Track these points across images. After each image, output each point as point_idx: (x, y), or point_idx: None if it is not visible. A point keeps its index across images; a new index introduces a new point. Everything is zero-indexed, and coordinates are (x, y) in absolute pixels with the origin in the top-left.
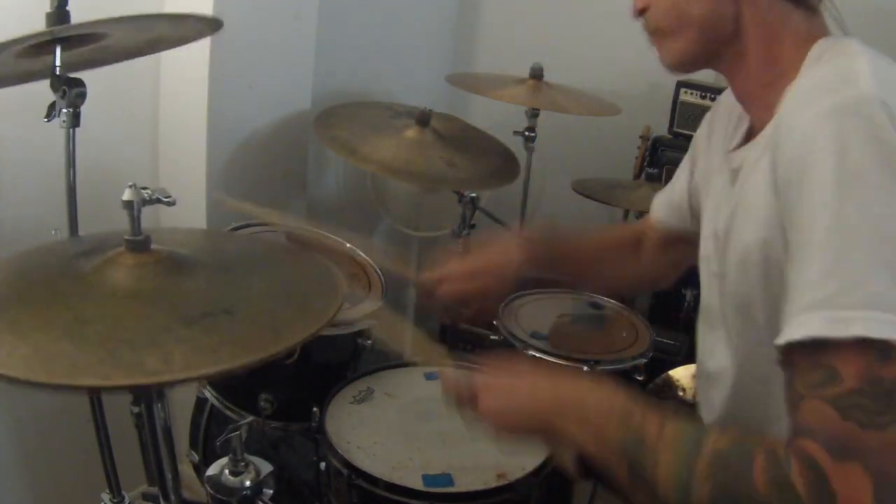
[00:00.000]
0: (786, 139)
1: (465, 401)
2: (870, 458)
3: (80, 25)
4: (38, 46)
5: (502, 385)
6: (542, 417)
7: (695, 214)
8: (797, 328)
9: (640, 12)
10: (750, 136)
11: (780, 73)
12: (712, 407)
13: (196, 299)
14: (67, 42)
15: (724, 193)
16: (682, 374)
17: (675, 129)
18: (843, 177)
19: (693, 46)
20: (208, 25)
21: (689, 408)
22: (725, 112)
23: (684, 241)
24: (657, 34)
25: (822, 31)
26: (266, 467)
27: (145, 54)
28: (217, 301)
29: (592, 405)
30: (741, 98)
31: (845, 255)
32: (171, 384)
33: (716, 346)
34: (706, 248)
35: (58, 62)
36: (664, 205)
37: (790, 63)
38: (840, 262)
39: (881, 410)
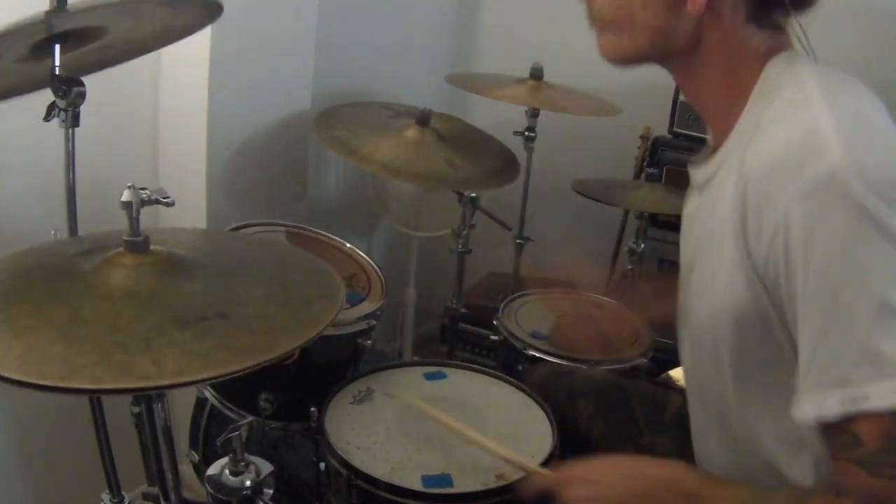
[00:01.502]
0: (756, 215)
1: (545, 495)
2: None
3: (78, 14)
4: (38, 49)
5: (588, 476)
6: (634, 501)
7: None
8: (816, 407)
9: None
10: (712, 152)
11: (737, 95)
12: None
13: (192, 302)
14: (67, 40)
15: (689, 217)
16: (682, 375)
17: (675, 129)
18: (827, 260)
19: (637, 50)
20: (209, 11)
21: None
22: None
23: None
24: (601, 24)
25: (781, 46)
26: (266, 467)
27: (147, 51)
28: (213, 304)
29: (671, 487)
30: (696, 106)
31: (846, 336)
32: (161, 389)
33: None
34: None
35: (57, 62)
36: None
37: (747, 83)
38: (843, 344)
39: None
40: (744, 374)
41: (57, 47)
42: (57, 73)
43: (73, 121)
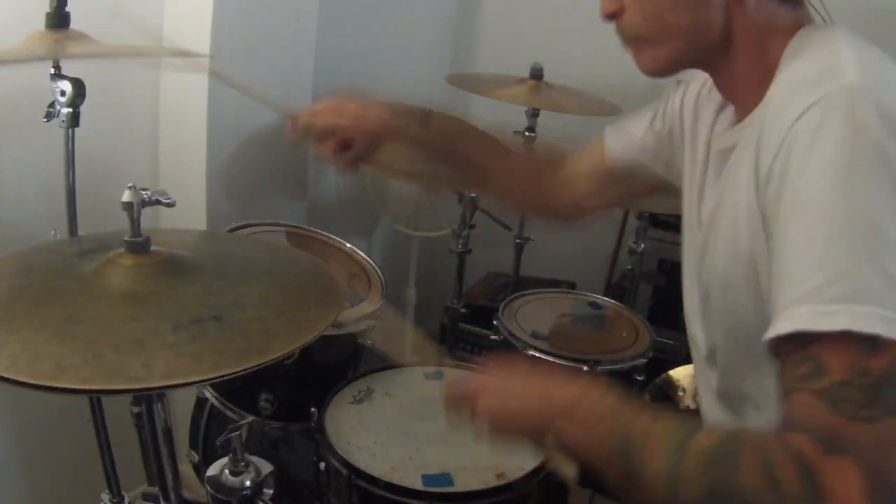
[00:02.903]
0: (767, 136)
1: (463, 401)
2: (859, 452)
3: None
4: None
5: (499, 386)
6: (536, 418)
7: (668, 157)
8: (784, 322)
9: (612, 16)
10: (737, 121)
11: (764, 68)
12: (709, 384)
13: (189, 304)
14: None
15: (711, 175)
16: (682, 374)
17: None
18: (825, 171)
19: (676, 55)
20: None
21: (691, 414)
22: (707, 92)
23: (626, 184)
24: (637, 41)
25: (805, 21)
26: (266, 467)
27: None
28: (209, 306)
29: (584, 405)
30: (728, 95)
31: (830, 248)
32: (150, 391)
33: (702, 326)
34: (688, 237)
35: (57, 61)
36: (637, 143)
37: (774, 56)
38: (825, 255)
39: (869, 403)
40: (761, 315)
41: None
42: (57, 73)
43: (73, 121)
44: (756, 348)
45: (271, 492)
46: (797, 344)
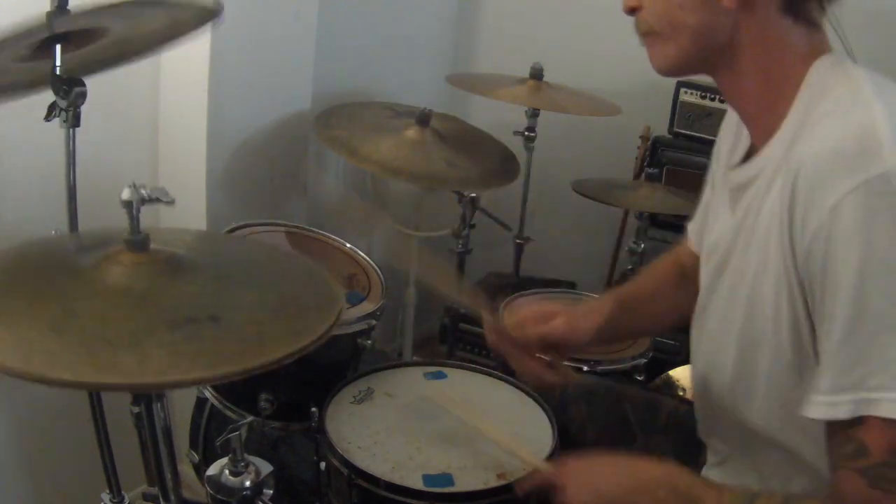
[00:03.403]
0: (805, 209)
1: (544, 485)
2: None
3: (78, 17)
4: (38, 49)
5: (586, 473)
6: (627, 499)
7: None
8: (829, 409)
9: (631, 10)
10: (750, 155)
11: (778, 94)
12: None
13: (186, 303)
14: (68, 40)
15: (723, 211)
16: (682, 374)
17: (675, 129)
18: (869, 262)
19: (685, 53)
20: (207, 13)
21: (689, 407)
22: (730, 124)
23: None
24: (649, 36)
25: (822, 48)
26: (266, 467)
27: (147, 53)
28: (206, 306)
29: (664, 484)
30: (738, 111)
31: (871, 341)
32: (141, 388)
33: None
34: (704, 263)
35: (58, 62)
36: (698, 231)
37: (789, 83)
38: (866, 348)
39: None
40: (777, 376)
41: (58, 47)
42: (57, 73)
43: (74, 121)
44: (758, 380)
45: (271, 492)
46: (842, 425)
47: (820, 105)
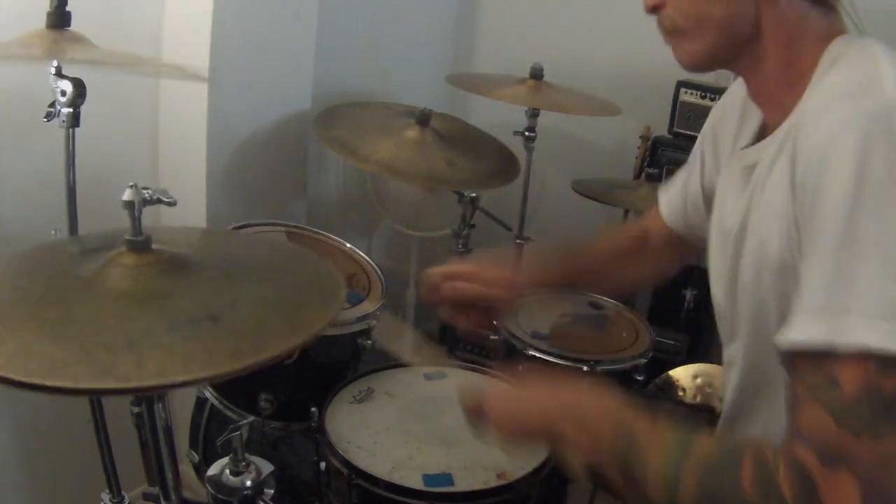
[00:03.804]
0: (804, 143)
1: (478, 413)
2: (861, 467)
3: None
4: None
5: (510, 394)
6: (546, 424)
7: (697, 213)
8: (799, 329)
9: (654, 9)
10: (763, 134)
11: (797, 74)
12: (729, 389)
13: (186, 303)
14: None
15: (734, 191)
16: (681, 374)
17: (675, 129)
18: (860, 187)
19: (711, 48)
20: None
21: (687, 409)
22: (732, 109)
23: (690, 240)
24: (674, 34)
25: (839, 30)
26: (267, 467)
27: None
28: (206, 306)
29: (590, 409)
30: (756, 97)
31: (854, 264)
32: (140, 392)
33: (729, 337)
34: (717, 245)
35: (56, 63)
36: (680, 211)
37: (806, 63)
38: (848, 270)
39: (877, 421)
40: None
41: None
42: (57, 72)
43: (73, 121)
44: (773, 368)
45: (272, 492)
46: (810, 354)
47: (830, 74)
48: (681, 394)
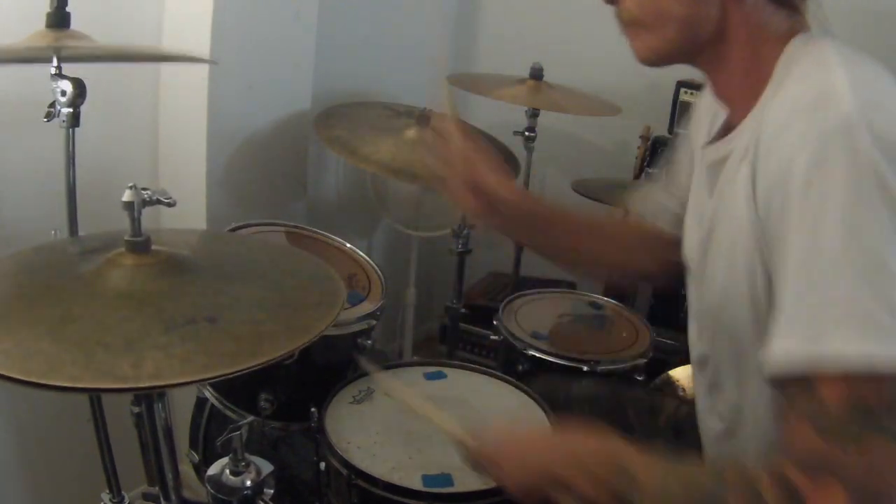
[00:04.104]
0: (766, 163)
1: (483, 470)
2: (849, 476)
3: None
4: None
5: (514, 453)
6: (553, 475)
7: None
8: (780, 353)
9: (612, 0)
10: (726, 131)
11: (759, 75)
12: (699, 393)
13: (184, 304)
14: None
15: (703, 191)
16: (681, 374)
17: (675, 129)
18: (823, 206)
19: (669, 45)
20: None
21: (689, 406)
22: (704, 109)
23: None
24: (633, 26)
25: (800, 28)
26: (267, 467)
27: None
28: (204, 307)
29: (590, 453)
30: (719, 95)
31: (826, 282)
32: (136, 391)
33: (697, 336)
34: (688, 248)
35: (56, 63)
36: (670, 214)
37: (768, 63)
38: (821, 289)
39: (862, 432)
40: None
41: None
42: (57, 72)
43: (73, 121)
44: (748, 361)
45: (271, 492)
46: (794, 373)
47: (788, 77)
48: (681, 394)
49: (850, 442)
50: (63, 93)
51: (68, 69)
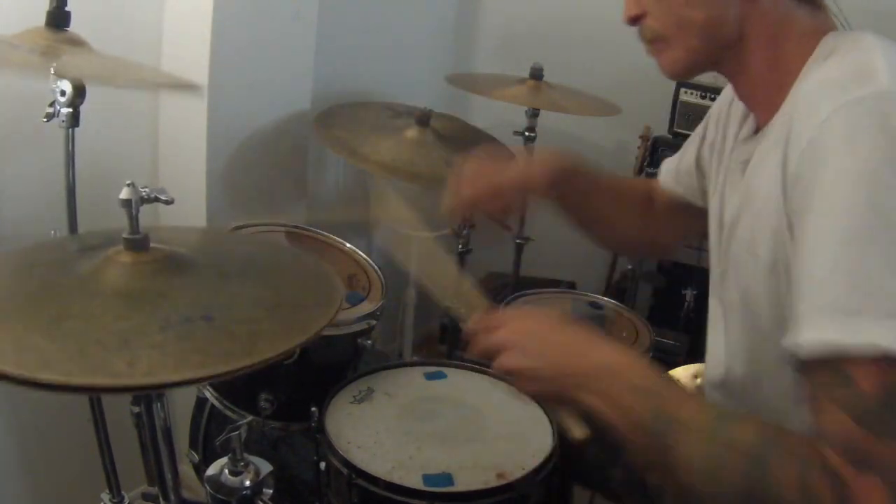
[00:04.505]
0: (797, 135)
1: (487, 349)
2: (886, 470)
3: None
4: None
5: (527, 335)
6: (570, 381)
7: (702, 186)
8: (809, 333)
9: (634, 20)
10: (757, 130)
11: (785, 72)
12: (711, 380)
13: (181, 302)
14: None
15: (731, 183)
16: (681, 374)
17: (675, 129)
18: (856, 175)
19: (694, 54)
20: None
21: None
22: (732, 110)
23: (689, 211)
24: (657, 42)
25: (827, 27)
26: (266, 467)
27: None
28: (201, 305)
29: (619, 382)
30: (744, 98)
31: (859, 261)
32: (130, 390)
33: (713, 343)
34: (712, 238)
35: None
36: (672, 172)
37: (795, 60)
38: (854, 267)
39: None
40: (778, 322)
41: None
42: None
43: (73, 121)
44: (770, 355)
45: (271, 492)
46: (825, 355)
47: (823, 67)
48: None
49: (884, 430)
50: (63, 93)
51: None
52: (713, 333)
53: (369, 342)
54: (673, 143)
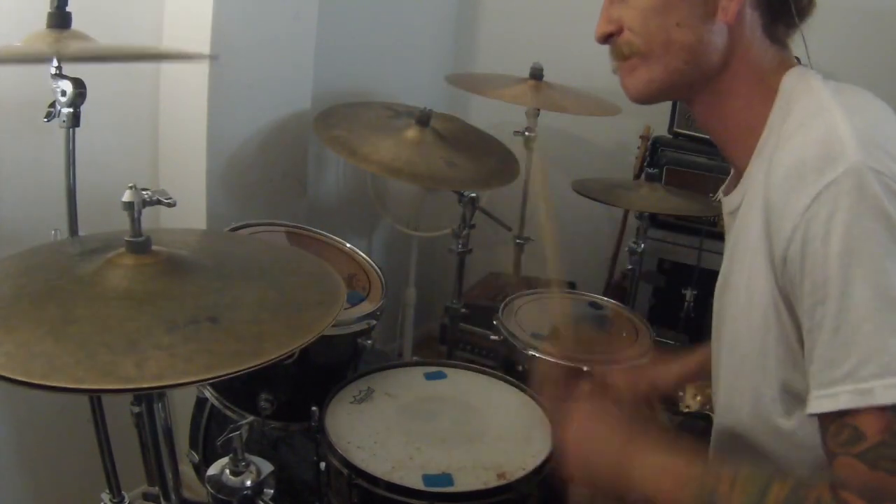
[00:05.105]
0: (779, 217)
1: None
2: None
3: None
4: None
5: (597, 428)
6: (617, 465)
7: None
8: (826, 402)
9: (608, 37)
10: (737, 180)
11: (756, 112)
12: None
13: (186, 304)
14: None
15: (727, 231)
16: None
17: (675, 129)
18: (843, 257)
19: (675, 76)
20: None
21: (682, 416)
22: None
23: None
24: (633, 59)
25: (789, 62)
26: (266, 467)
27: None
28: (206, 307)
29: (672, 466)
30: (717, 137)
31: (857, 330)
32: (141, 392)
33: (715, 386)
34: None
35: (56, 63)
36: None
37: (764, 100)
38: (854, 337)
39: None
40: (774, 382)
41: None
42: (57, 72)
43: (74, 121)
44: (755, 402)
45: (272, 492)
46: (835, 416)
47: (788, 120)
48: (681, 394)
49: (894, 467)
50: (63, 93)
51: (68, 69)
52: (714, 379)
53: (369, 342)
54: (673, 143)
